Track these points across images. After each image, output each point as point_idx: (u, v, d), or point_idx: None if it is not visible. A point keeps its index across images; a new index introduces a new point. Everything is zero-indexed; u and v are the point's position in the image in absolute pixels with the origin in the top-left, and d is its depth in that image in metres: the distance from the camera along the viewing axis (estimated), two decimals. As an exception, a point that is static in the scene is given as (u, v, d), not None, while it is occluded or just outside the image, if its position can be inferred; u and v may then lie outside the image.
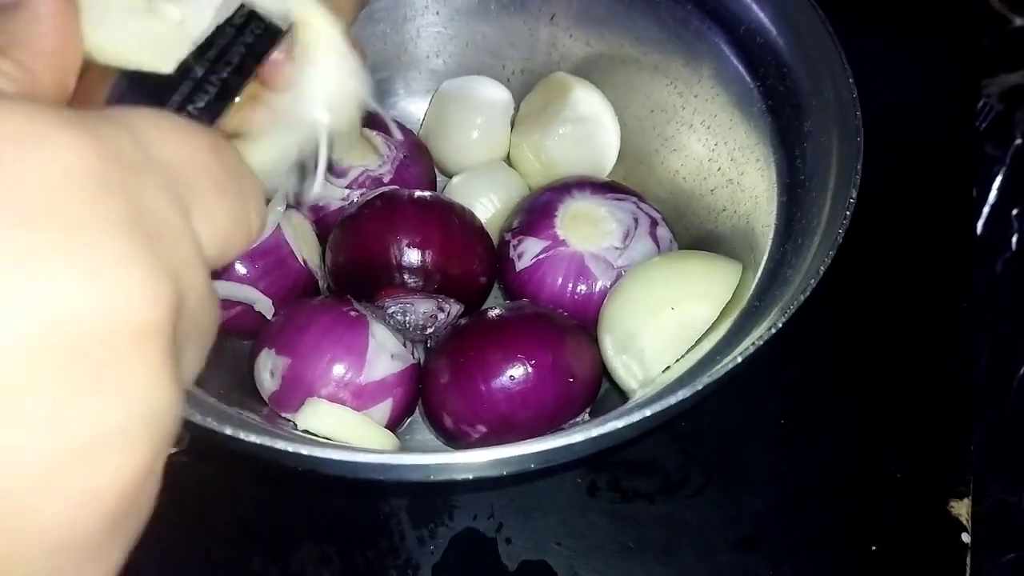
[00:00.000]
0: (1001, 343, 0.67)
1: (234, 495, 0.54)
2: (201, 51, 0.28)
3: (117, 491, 0.18)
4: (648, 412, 0.37)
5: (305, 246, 0.54)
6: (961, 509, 0.55)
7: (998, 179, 0.72)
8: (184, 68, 0.27)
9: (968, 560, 0.54)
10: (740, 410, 0.58)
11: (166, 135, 0.20)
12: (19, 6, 0.24)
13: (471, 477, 0.40)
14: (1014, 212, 0.71)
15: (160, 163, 0.20)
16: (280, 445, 0.36)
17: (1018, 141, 0.73)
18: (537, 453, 0.37)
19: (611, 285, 0.53)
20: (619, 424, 0.37)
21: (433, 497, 0.54)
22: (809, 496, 0.55)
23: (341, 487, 0.54)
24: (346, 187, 0.57)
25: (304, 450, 0.36)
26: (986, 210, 0.71)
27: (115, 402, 0.17)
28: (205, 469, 0.54)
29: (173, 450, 0.54)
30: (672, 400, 0.38)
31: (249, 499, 0.54)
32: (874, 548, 0.54)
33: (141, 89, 0.27)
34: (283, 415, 0.49)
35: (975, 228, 0.69)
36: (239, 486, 0.54)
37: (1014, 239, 0.71)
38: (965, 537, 0.54)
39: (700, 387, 0.38)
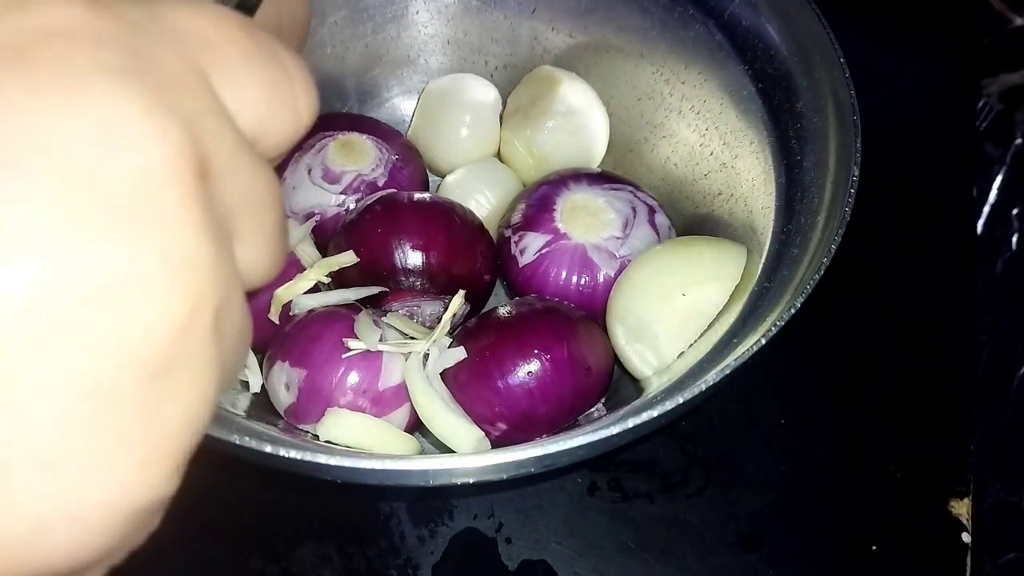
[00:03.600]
0: (1001, 343, 0.67)
1: (234, 495, 0.54)
2: None
3: (146, 339, 0.17)
4: (681, 399, 0.38)
5: (305, 254, 0.54)
6: (961, 509, 0.55)
7: (998, 179, 0.72)
8: None
9: (968, 560, 0.54)
10: (740, 410, 0.58)
11: (187, 10, 0.19)
12: None
13: (472, 481, 0.40)
14: (1014, 212, 0.71)
15: (176, 30, 0.19)
16: (276, 451, 0.37)
17: (1018, 141, 0.73)
18: (541, 456, 0.37)
19: (615, 275, 0.53)
20: (654, 413, 0.38)
21: (434, 497, 0.54)
22: (809, 496, 0.55)
23: (341, 487, 0.54)
24: (340, 192, 0.56)
25: (300, 456, 0.36)
26: (986, 210, 0.71)
27: (123, 246, 0.16)
28: (205, 469, 0.54)
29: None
30: (701, 387, 0.38)
31: (249, 499, 0.54)
32: (874, 548, 0.54)
33: None
34: (301, 427, 0.49)
35: (975, 228, 0.69)
36: (239, 486, 0.54)
37: (1014, 239, 0.70)
38: (965, 537, 0.54)
39: (728, 371, 0.39)
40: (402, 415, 0.49)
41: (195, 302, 0.17)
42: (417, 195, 0.54)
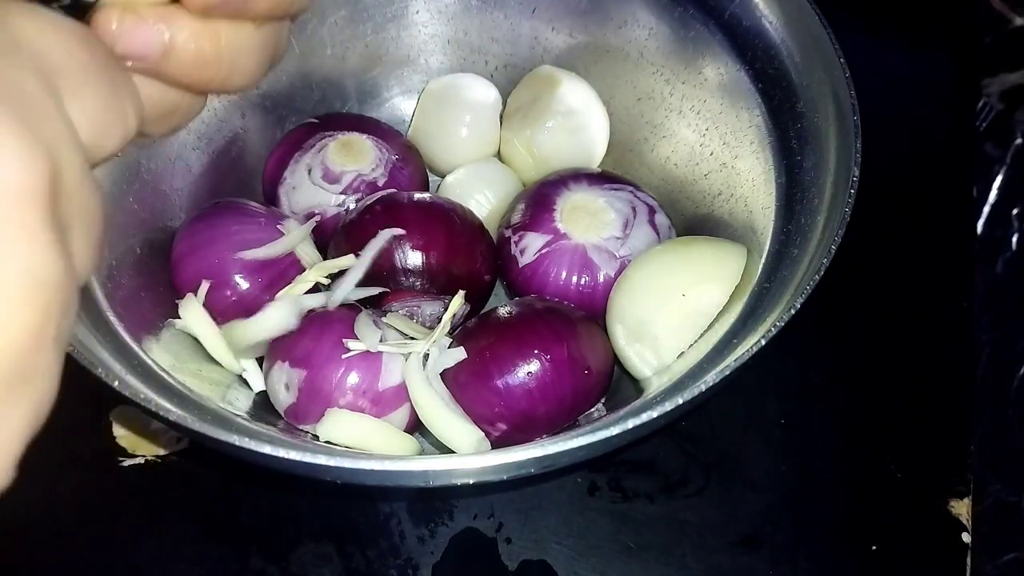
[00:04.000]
0: (1001, 343, 0.67)
1: (234, 495, 0.54)
2: None
3: (2, 352, 0.18)
4: (680, 400, 0.38)
5: (305, 254, 0.54)
6: (961, 509, 0.55)
7: (998, 179, 0.72)
8: None
9: (968, 560, 0.54)
10: (740, 410, 0.58)
11: (37, 25, 0.21)
12: None
13: (472, 482, 0.40)
14: (1014, 212, 0.71)
15: (30, 49, 0.20)
16: (275, 452, 0.37)
17: (1018, 141, 0.73)
18: (541, 456, 0.37)
19: (615, 275, 0.53)
20: (653, 414, 0.38)
21: (433, 497, 0.54)
22: (809, 496, 0.55)
23: (341, 487, 0.54)
24: (340, 193, 0.56)
25: (300, 457, 0.36)
26: (986, 210, 0.71)
27: None
28: (204, 470, 0.54)
29: (172, 450, 0.55)
30: (701, 387, 0.38)
31: (249, 499, 0.54)
32: (874, 548, 0.54)
33: None
34: (301, 427, 0.49)
35: (975, 228, 0.69)
36: (239, 486, 0.54)
37: (1014, 239, 0.70)
38: (965, 537, 0.54)
39: (728, 371, 0.39)
40: (402, 415, 0.49)
41: (46, 314, 0.19)
42: (417, 195, 0.54)
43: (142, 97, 0.25)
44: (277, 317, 0.48)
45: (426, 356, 0.49)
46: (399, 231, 0.51)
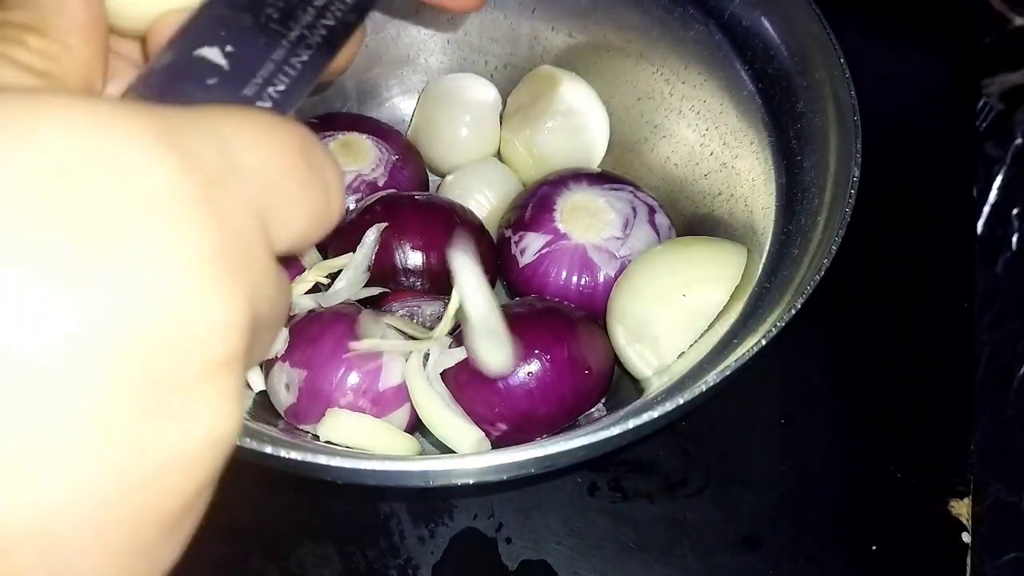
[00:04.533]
0: (1001, 343, 0.67)
1: (234, 495, 0.54)
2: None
3: (176, 509, 0.18)
4: (681, 400, 0.38)
5: (306, 255, 0.54)
6: (961, 509, 0.55)
7: (998, 179, 0.72)
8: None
9: (968, 560, 0.54)
10: (740, 410, 0.58)
11: (253, 136, 0.19)
12: None
13: (472, 482, 0.40)
14: (1014, 212, 0.71)
15: (245, 171, 0.19)
16: (276, 452, 0.37)
17: (1018, 141, 0.73)
18: (542, 457, 0.37)
19: (615, 275, 0.53)
20: (654, 414, 0.38)
21: (433, 497, 0.54)
22: (809, 496, 0.55)
23: (341, 487, 0.54)
24: None
25: (301, 457, 0.36)
26: (986, 210, 0.71)
27: (185, 430, 0.17)
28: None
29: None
30: (702, 387, 0.38)
31: (249, 499, 0.54)
32: (874, 548, 0.54)
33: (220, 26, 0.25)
34: (301, 427, 0.49)
35: (975, 228, 0.69)
36: (239, 486, 0.54)
37: (1014, 239, 0.70)
38: (965, 537, 0.54)
39: (728, 371, 0.39)
40: (402, 415, 0.49)
41: (213, 468, 0.19)
42: (417, 195, 0.54)
43: None
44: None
45: (426, 356, 0.49)
46: (384, 224, 0.51)
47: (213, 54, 0.25)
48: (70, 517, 0.16)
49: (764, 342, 0.39)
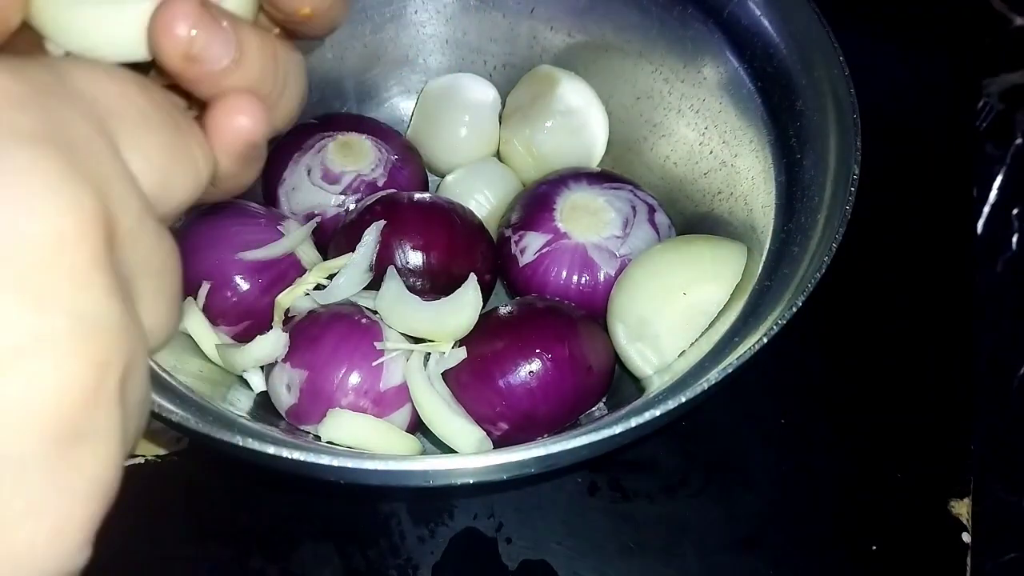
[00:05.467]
0: (1001, 343, 0.67)
1: (234, 495, 0.54)
2: None
3: (54, 405, 0.17)
4: (682, 398, 0.38)
5: (305, 255, 0.54)
6: (961, 509, 0.55)
7: (998, 179, 0.72)
8: None
9: (968, 560, 0.54)
10: (740, 410, 0.58)
11: (91, 73, 0.20)
12: None
13: (472, 482, 0.40)
14: (1014, 212, 0.71)
15: (84, 95, 0.20)
16: (279, 452, 0.37)
17: (1018, 141, 0.73)
18: (543, 456, 0.37)
19: (615, 274, 0.53)
20: (655, 412, 0.38)
21: (433, 497, 0.54)
22: (809, 496, 0.55)
23: (341, 487, 0.54)
24: (340, 193, 0.56)
25: (302, 457, 0.36)
26: (986, 210, 0.71)
27: (33, 308, 0.17)
28: (204, 469, 0.54)
29: (172, 450, 0.55)
30: (704, 385, 0.38)
31: (249, 499, 0.54)
32: (874, 548, 0.54)
33: None
34: (302, 428, 0.49)
35: (975, 228, 0.69)
36: (239, 486, 0.54)
37: (1014, 239, 0.70)
38: (965, 537, 0.54)
39: (729, 370, 0.39)
40: (403, 415, 0.49)
41: (102, 367, 0.17)
42: (417, 195, 0.54)
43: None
44: (268, 346, 0.48)
45: (427, 356, 0.49)
46: (383, 222, 0.51)
47: None
48: None
49: (765, 340, 0.39)
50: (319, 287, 0.51)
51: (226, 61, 0.24)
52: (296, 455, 0.36)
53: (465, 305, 0.49)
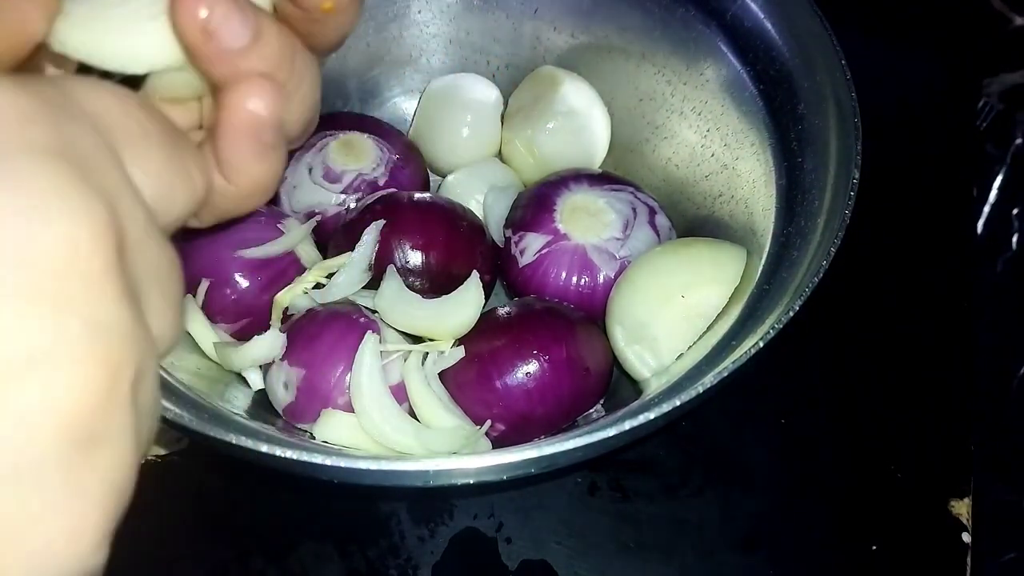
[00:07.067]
0: (1001, 343, 0.67)
1: (234, 495, 0.54)
2: None
3: (70, 408, 0.17)
4: (679, 401, 0.38)
5: (305, 253, 0.54)
6: (961, 509, 0.55)
7: (998, 179, 0.72)
8: None
9: (968, 560, 0.54)
10: (740, 410, 0.58)
11: (93, 91, 0.21)
12: None
13: (472, 482, 0.40)
14: (1014, 212, 0.71)
15: (89, 110, 0.20)
16: (272, 451, 0.37)
17: (1018, 141, 0.73)
18: (540, 457, 0.37)
19: (615, 276, 0.53)
20: (651, 415, 0.38)
21: (433, 497, 0.54)
22: (809, 496, 0.55)
23: (341, 487, 0.54)
24: (341, 192, 0.56)
25: (298, 456, 0.36)
26: (986, 210, 0.71)
27: (49, 315, 0.17)
28: (205, 469, 0.54)
29: (172, 450, 0.55)
30: (699, 389, 0.38)
31: (249, 499, 0.54)
32: (874, 548, 0.54)
33: None
34: (299, 426, 0.49)
35: (975, 228, 0.69)
36: (239, 486, 0.54)
37: (1014, 239, 0.71)
38: (965, 537, 0.54)
39: (726, 373, 0.39)
40: (400, 415, 0.49)
41: (115, 370, 0.18)
42: (417, 195, 0.54)
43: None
44: (266, 346, 0.49)
45: (425, 356, 0.49)
46: (382, 221, 0.51)
47: None
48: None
49: (762, 344, 0.39)
50: (318, 286, 0.51)
51: (243, 40, 0.24)
52: (291, 454, 0.36)
53: (467, 303, 0.49)
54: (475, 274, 0.50)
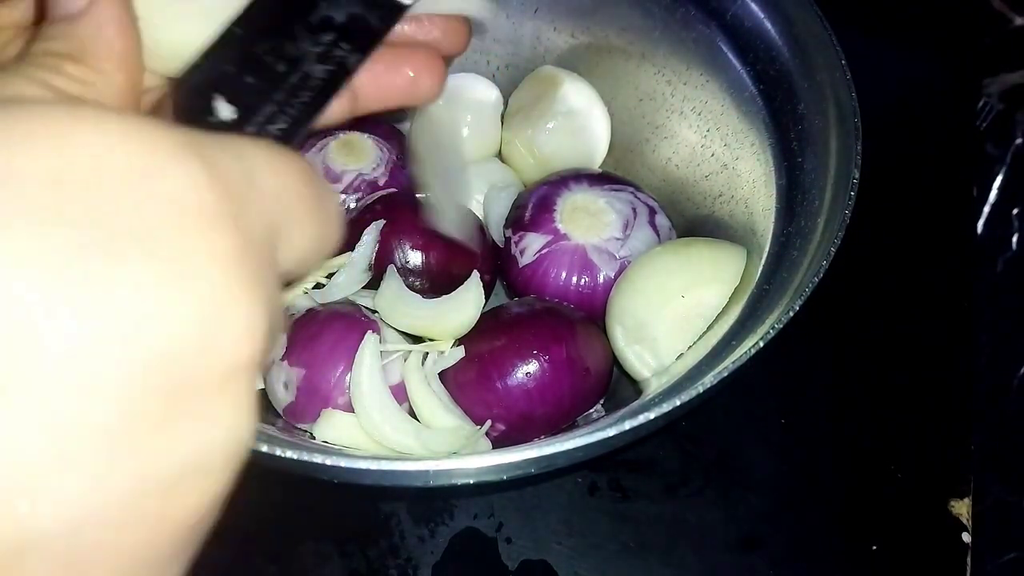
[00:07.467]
0: (1001, 343, 0.67)
1: (234, 495, 0.54)
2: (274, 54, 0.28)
3: (190, 519, 0.18)
4: (678, 401, 0.38)
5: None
6: (961, 509, 0.55)
7: (998, 179, 0.72)
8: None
9: (968, 560, 0.54)
10: (740, 410, 0.58)
11: (271, 163, 0.21)
12: (82, 14, 0.25)
13: (472, 482, 0.40)
14: (1014, 212, 0.71)
15: (264, 192, 0.20)
16: (272, 451, 0.37)
17: (1018, 141, 0.73)
18: (540, 457, 0.37)
19: (615, 276, 0.53)
20: (651, 415, 0.38)
21: (433, 497, 0.54)
22: (809, 496, 0.55)
23: (341, 487, 0.54)
24: (341, 192, 0.56)
25: (298, 456, 0.36)
26: (986, 210, 0.71)
27: (204, 434, 0.17)
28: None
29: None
30: (699, 389, 0.38)
31: (249, 499, 0.54)
32: (874, 548, 0.54)
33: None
34: (299, 426, 0.49)
35: (975, 228, 0.69)
36: (239, 486, 0.54)
37: (1014, 239, 0.71)
38: (965, 537, 0.54)
39: (726, 373, 0.39)
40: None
41: (231, 478, 0.20)
42: (417, 195, 0.54)
43: None
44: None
45: (425, 356, 0.49)
46: (382, 221, 0.51)
47: (218, 100, 0.26)
48: (91, 522, 0.16)
49: (762, 344, 0.39)
50: (318, 285, 0.51)
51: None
52: (290, 454, 0.36)
53: (467, 302, 0.49)
54: (475, 274, 0.50)
